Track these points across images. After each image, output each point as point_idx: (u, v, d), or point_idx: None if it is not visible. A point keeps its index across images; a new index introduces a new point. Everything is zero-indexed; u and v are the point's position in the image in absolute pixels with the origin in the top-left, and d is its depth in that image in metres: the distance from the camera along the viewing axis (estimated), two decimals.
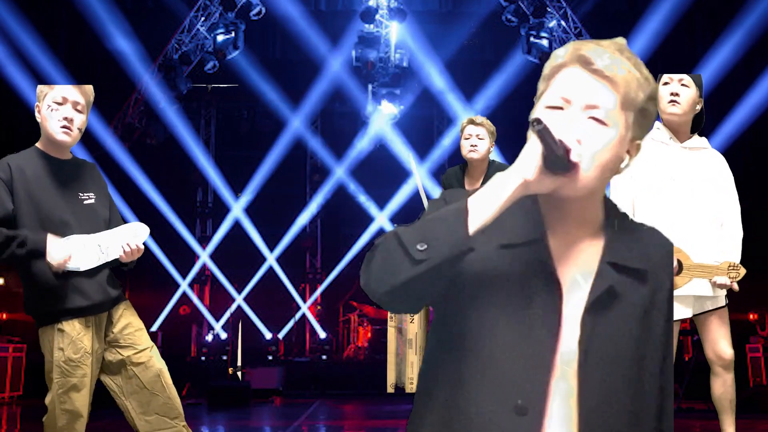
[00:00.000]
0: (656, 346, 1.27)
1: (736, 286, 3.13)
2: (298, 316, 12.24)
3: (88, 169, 2.81)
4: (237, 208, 12.58)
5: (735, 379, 3.29)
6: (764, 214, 8.70)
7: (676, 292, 3.12)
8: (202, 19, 10.93)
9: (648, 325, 1.26)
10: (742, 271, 3.08)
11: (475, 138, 3.98)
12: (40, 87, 2.74)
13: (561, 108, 1.23)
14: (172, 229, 11.94)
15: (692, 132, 3.28)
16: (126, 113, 11.11)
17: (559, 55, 1.26)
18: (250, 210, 12.63)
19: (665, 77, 3.22)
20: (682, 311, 3.18)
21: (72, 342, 2.56)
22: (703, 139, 3.30)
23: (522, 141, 1.22)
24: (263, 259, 12.48)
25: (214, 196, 13.38)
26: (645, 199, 3.18)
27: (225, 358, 10.12)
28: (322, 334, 11.87)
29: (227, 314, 11.07)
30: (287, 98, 12.00)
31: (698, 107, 3.22)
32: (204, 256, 12.57)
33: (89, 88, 2.77)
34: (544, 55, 10.61)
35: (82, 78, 10.30)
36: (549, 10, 10.72)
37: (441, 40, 11.20)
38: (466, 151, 4.01)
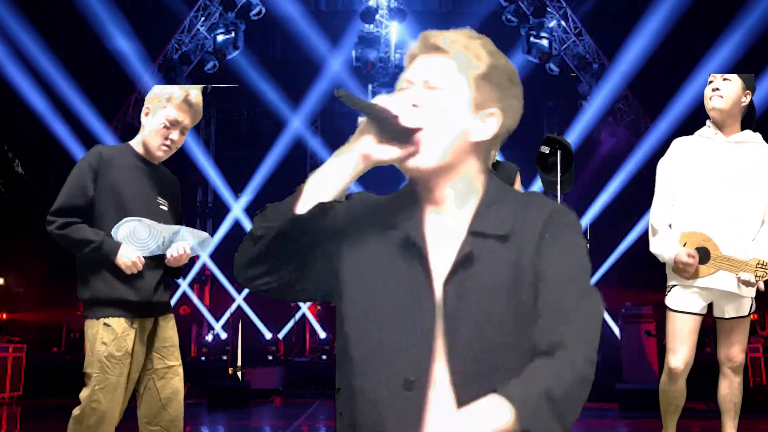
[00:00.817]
0: (529, 306, 1.22)
1: (762, 286, 3.09)
2: (298, 316, 12.22)
3: (171, 181, 2.89)
4: (237, 208, 12.57)
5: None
6: None
7: (698, 282, 3.09)
8: (202, 19, 10.93)
9: (519, 283, 1.23)
10: None
11: None
12: (161, 91, 2.75)
13: (405, 89, 1.31)
14: None
15: (744, 128, 3.24)
16: (126, 113, 11.09)
17: (409, 48, 1.36)
18: (250, 210, 12.62)
19: (710, 77, 3.23)
20: (697, 303, 3.14)
21: (117, 339, 2.57)
22: (756, 134, 3.25)
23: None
24: None
25: (214, 196, 13.38)
26: (686, 191, 3.17)
27: (225, 358, 10.12)
28: (322, 334, 11.86)
29: (227, 314, 11.06)
30: (287, 98, 11.99)
31: (744, 100, 3.18)
32: (204, 256, 12.56)
33: (200, 107, 2.79)
34: (544, 55, 10.61)
35: (82, 78, 10.32)
36: (549, 10, 10.72)
37: None
38: None
